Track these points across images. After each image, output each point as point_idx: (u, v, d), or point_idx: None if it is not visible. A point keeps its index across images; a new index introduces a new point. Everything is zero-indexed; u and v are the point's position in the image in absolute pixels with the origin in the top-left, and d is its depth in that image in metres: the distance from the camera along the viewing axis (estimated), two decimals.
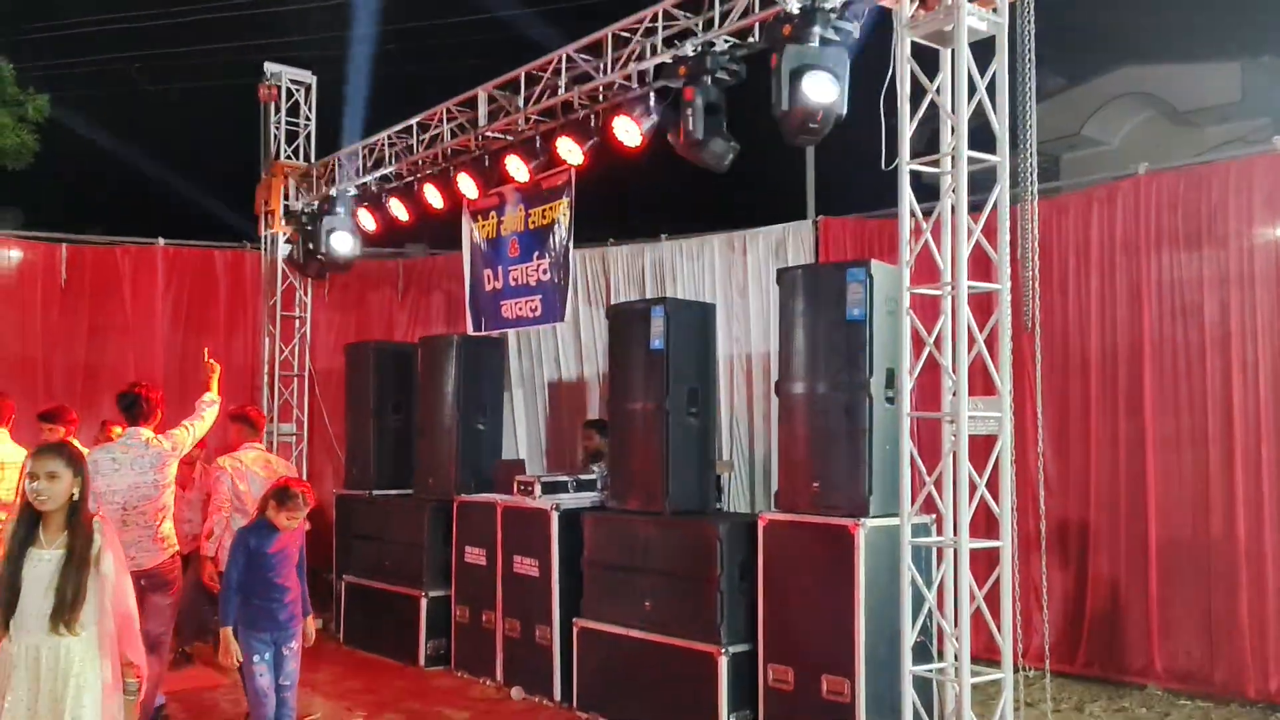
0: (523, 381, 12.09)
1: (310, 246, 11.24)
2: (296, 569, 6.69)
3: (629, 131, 7.97)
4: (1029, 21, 6.42)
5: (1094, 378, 9.05)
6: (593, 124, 8.36)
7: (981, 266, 6.42)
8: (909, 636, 6.19)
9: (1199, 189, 8.64)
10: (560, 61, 8.58)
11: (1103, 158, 16.80)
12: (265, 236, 12.25)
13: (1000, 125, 6.20)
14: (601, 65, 8.31)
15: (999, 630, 6.08)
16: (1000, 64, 6.19)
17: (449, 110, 9.68)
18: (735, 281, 10.78)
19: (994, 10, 6.22)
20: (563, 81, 8.58)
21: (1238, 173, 8.50)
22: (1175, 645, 8.55)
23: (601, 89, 8.41)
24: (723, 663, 7.32)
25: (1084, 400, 9.09)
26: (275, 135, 12.12)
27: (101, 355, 12.34)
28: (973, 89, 6.13)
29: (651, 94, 7.94)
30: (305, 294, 12.38)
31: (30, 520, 4.77)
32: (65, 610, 4.62)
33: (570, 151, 8.54)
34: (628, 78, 8.15)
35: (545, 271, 9.67)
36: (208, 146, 15.07)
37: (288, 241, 11.97)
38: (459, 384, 10.16)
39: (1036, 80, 6.86)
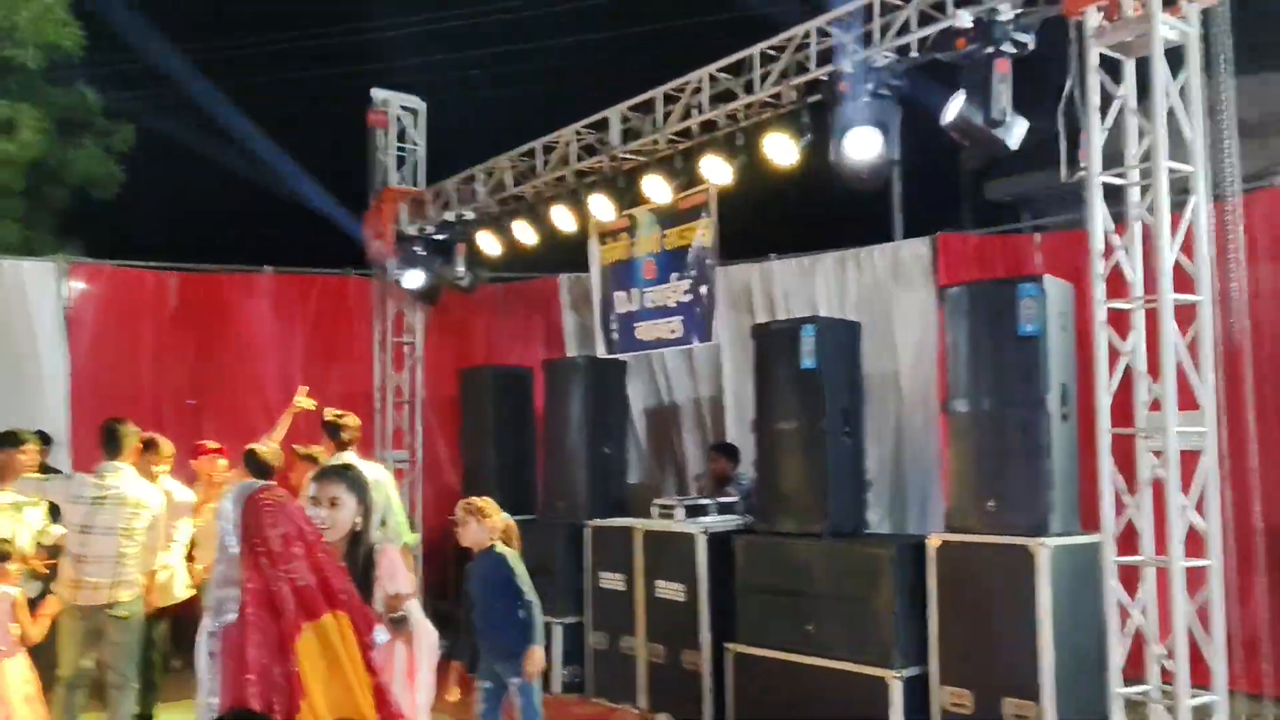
0: (641, 404, 11.96)
1: (425, 272, 11.18)
2: (512, 598, 6.62)
3: (784, 149, 7.85)
4: (1226, 27, 6.29)
5: None
6: (739, 142, 8.24)
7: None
8: (1116, 657, 6.05)
9: None
10: (702, 81, 8.49)
11: None
12: (376, 262, 12.18)
13: (1194, 133, 6.11)
14: (747, 83, 8.22)
15: (1209, 651, 5.93)
16: (1192, 71, 6.11)
17: (577, 132, 9.59)
18: (849, 300, 10.60)
19: (1182, 18, 6.14)
20: (705, 100, 8.49)
21: None
22: None
23: (743, 107, 8.30)
24: (896, 686, 7.22)
25: None
26: (383, 161, 12.08)
27: (208, 381, 12.28)
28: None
29: (805, 111, 7.83)
30: (415, 319, 12.32)
31: None
32: None
33: (716, 169, 8.42)
34: (775, 95, 8.05)
35: (685, 293, 9.57)
36: (316, 172, 15.02)
37: (398, 267, 11.90)
38: (585, 407, 10.09)
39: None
